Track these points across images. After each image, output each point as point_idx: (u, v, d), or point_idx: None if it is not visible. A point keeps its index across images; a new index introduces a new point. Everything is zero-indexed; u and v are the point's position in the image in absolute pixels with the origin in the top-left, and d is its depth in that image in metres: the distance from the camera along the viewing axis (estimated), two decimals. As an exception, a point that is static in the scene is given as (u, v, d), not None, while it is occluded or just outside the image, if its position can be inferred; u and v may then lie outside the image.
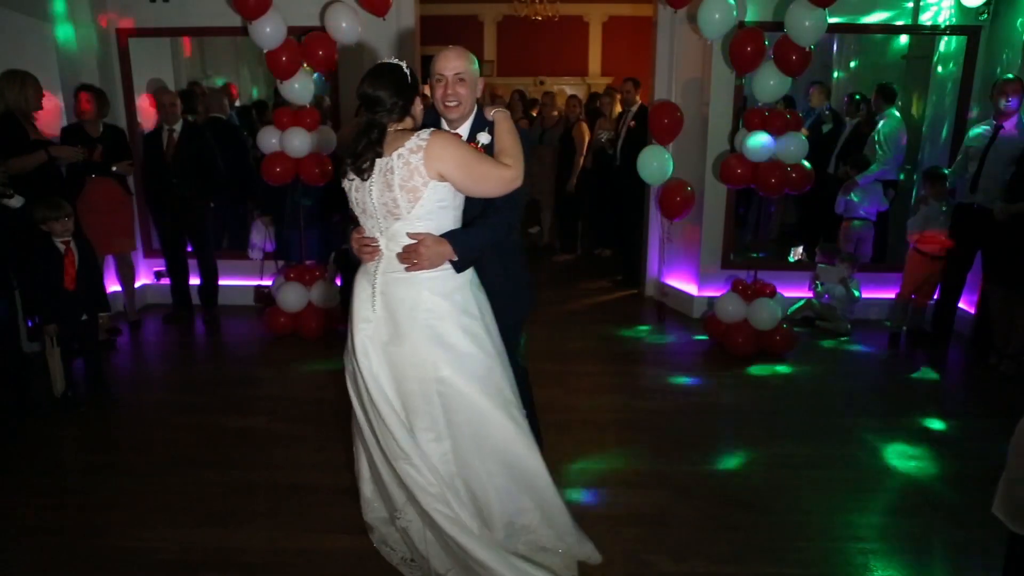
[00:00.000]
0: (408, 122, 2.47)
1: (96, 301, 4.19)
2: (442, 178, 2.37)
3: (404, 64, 2.45)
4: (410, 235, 2.41)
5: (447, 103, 2.61)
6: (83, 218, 5.02)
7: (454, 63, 2.59)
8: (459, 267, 2.48)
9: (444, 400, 2.45)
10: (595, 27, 12.49)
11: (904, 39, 6.41)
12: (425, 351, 2.43)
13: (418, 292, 2.44)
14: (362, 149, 2.39)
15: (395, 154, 2.34)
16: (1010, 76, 4.81)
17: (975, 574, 2.77)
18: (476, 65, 2.66)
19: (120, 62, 5.75)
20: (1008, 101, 4.69)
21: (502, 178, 2.44)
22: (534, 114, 8.56)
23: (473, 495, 2.52)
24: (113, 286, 5.60)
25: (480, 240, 2.53)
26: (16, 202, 4.27)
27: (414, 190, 2.36)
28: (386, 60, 2.46)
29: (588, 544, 2.73)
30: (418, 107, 2.51)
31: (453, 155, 2.36)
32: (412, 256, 2.40)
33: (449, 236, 2.44)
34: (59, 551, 2.87)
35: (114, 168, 5.14)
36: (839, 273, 5.51)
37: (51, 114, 5.02)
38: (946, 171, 5.23)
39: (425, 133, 2.36)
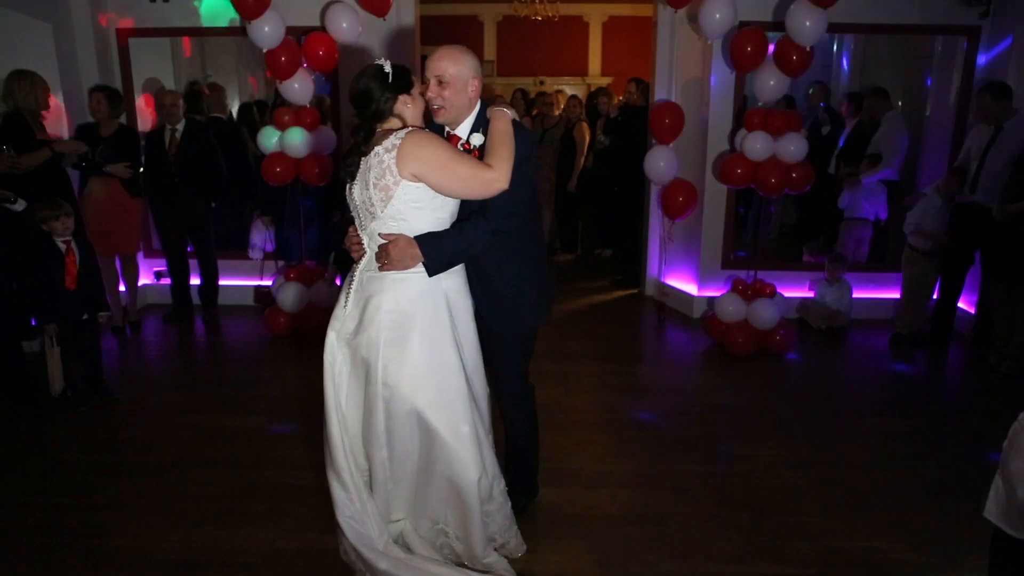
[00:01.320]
0: (394, 122, 2.45)
1: (96, 301, 4.18)
2: (416, 178, 2.35)
3: (388, 63, 2.43)
4: (383, 235, 2.41)
5: (431, 105, 2.56)
6: (88, 218, 5.05)
7: (436, 64, 2.51)
8: (430, 271, 2.43)
9: (387, 406, 2.47)
10: (595, 27, 12.47)
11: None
12: (378, 352, 2.43)
13: (385, 292, 2.44)
14: (348, 151, 2.44)
15: (372, 152, 2.37)
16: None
17: (974, 575, 2.77)
18: (469, 65, 2.53)
19: (120, 62, 5.75)
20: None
21: (482, 179, 2.36)
22: (535, 113, 8.55)
23: (404, 495, 2.61)
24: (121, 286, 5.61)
25: (454, 246, 2.45)
26: (19, 206, 4.28)
27: (386, 189, 2.36)
28: (373, 62, 2.46)
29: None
30: (405, 106, 2.45)
31: (427, 155, 2.32)
32: (383, 256, 2.41)
33: (421, 239, 2.40)
34: (59, 551, 2.87)
35: (106, 169, 5.07)
36: (827, 308, 5.50)
37: (52, 114, 5.02)
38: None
39: (403, 132, 2.36)
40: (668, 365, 4.93)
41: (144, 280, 6.08)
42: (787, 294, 5.32)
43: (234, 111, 7.10)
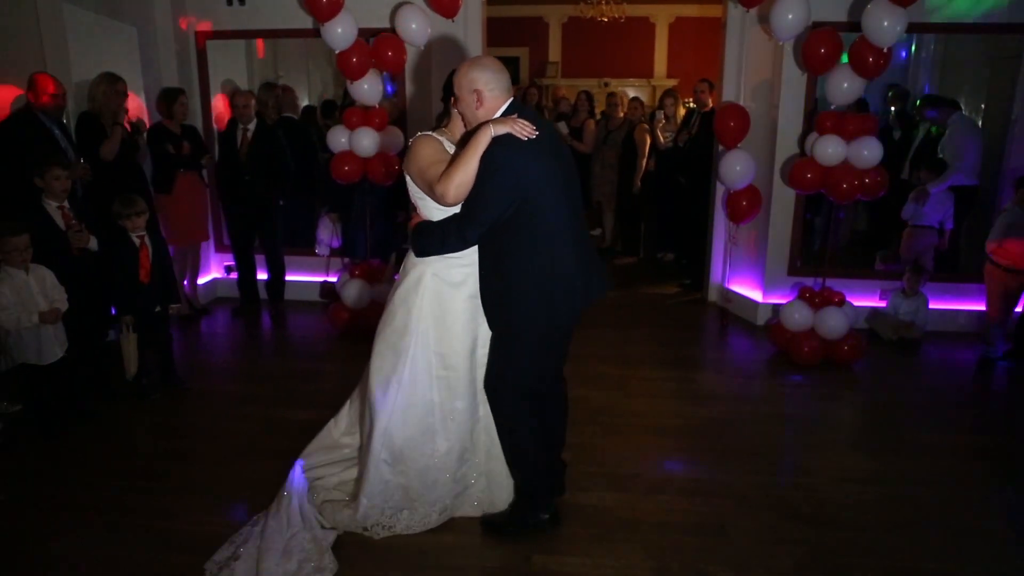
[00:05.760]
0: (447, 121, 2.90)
1: (167, 293, 4.33)
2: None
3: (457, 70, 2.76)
4: (413, 213, 2.88)
5: None
6: (169, 211, 5.29)
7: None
8: (415, 253, 2.82)
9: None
10: (661, 28, 12.34)
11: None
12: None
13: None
14: None
15: None
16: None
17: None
18: (471, 78, 2.64)
19: (197, 63, 5.96)
20: None
21: (435, 192, 2.62)
22: (599, 115, 8.50)
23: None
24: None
25: (429, 240, 2.75)
26: (93, 245, 4.18)
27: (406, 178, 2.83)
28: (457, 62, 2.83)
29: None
30: (453, 108, 2.78)
31: (413, 159, 2.72)
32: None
33: (419, 225, 2.80)
34: (130, 530, 2.99)
35: (204, 162, 5.56)
36: (899, 320, 5.30)
37: (135, 114, 5.24)
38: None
39: (420, 134, 2.79)
40: (730, 372, 4.84)
41: (214, 274, 6.29)
42: (856, 303, 5.15)
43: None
